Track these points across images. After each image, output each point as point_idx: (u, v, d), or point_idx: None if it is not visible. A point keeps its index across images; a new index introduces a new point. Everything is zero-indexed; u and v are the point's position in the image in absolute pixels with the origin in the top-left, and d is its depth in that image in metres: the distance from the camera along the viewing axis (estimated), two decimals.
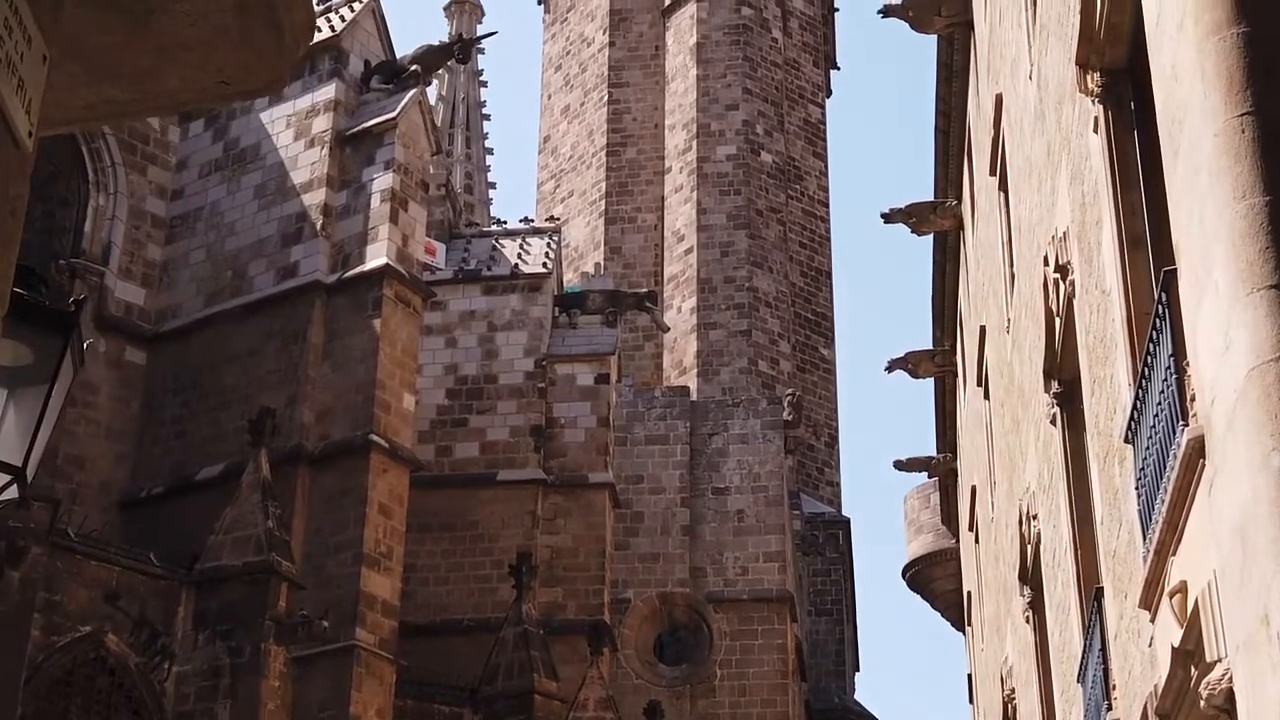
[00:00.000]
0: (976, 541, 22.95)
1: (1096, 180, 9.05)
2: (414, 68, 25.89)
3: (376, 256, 24.38)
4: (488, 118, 61.11)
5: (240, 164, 26.39)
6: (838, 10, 52.50)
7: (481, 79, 62.38)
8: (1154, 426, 7.27)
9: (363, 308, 24.23)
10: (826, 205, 47.97)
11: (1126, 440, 8.05)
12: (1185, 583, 6.69)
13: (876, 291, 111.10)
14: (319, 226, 24.96)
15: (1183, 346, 6.66)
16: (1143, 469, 7.60)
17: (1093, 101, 9.03)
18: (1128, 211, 8.60)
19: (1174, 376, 6.76)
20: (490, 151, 60.36)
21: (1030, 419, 13.49)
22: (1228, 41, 6.04)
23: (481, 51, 62.84)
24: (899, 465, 27.53)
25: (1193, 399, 6.51)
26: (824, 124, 49.01)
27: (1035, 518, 13.33)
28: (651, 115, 47.20)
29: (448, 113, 58.95)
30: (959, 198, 21.04)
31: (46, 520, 19.09)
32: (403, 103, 25.33)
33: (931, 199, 21.92)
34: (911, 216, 21.77)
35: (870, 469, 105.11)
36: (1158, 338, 7.07)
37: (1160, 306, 6.97)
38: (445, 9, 59.03)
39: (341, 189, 25.31)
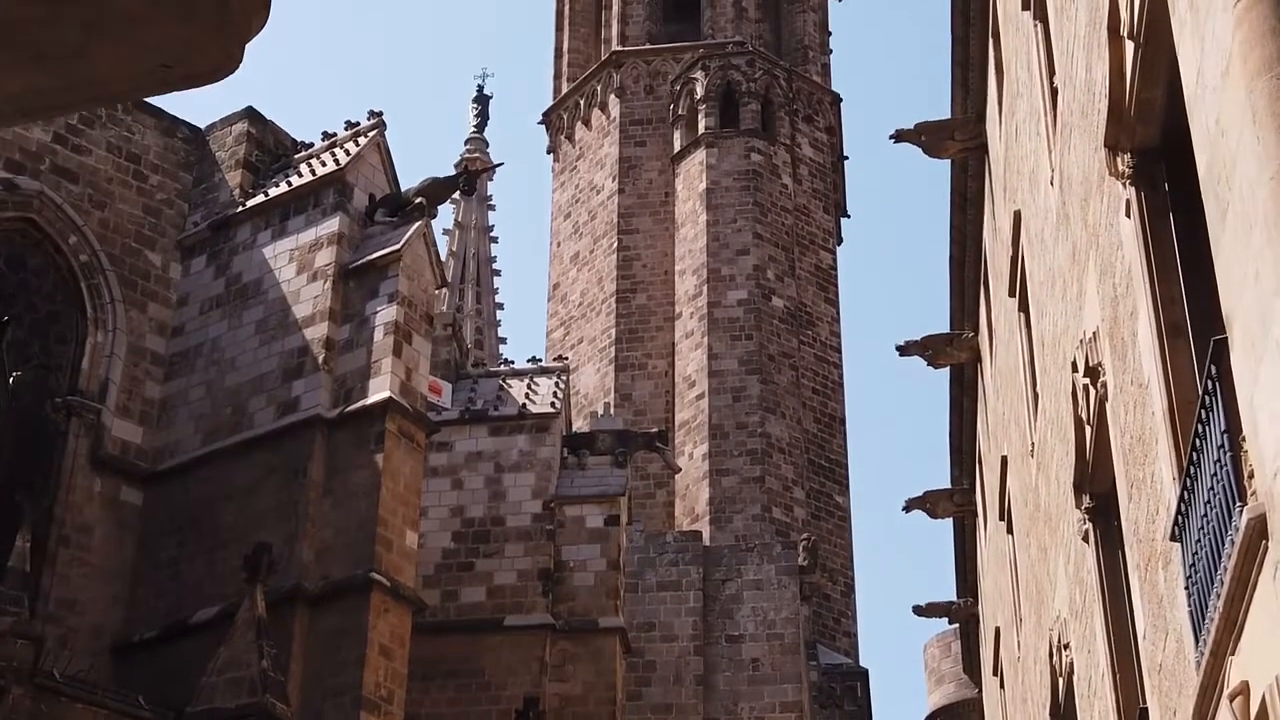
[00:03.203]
0: (1001, 687, 22.27)
1: (1130, 268, 8.62)
2: (419, 200, 25.56)
3: (379, 390, 23.86)
4: (498, 273, 61.35)
5: (241, 299, 26.01)
6: (847, 158, 52.72)
7: (492, 235, 62.71)
8: (1205, 516, 6.78)
9: (365, 443, 23.67)
10: (839, 351, 47.60)
11: (1173, 538, 7.52)
12: (1247, 683, 6.22)
13: (891, 433, 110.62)
14: (321, 360, 24.49)
15: (1237, 420, 6.22)
16: (1193, 565, 7.11)
17: (1124, 185, 8.66)
18: (1165, 297, 8.15)
19: (1228, 455, 6.31)
20: (501, 306, 60.44)
21: (1059, 543, 13.01)
22: None
23: (493, 208, 63.34)
24: (918, 611, 26.85)
25: (1250, 475, 6.02)
26: (835, 269, 48.85)
27: (1067, 647, 12.79)
28: (661, 261, 47.01)
29: (458, 268, 59.10)
30: (975, 329, 20.70)
31: (30, 659, 18.38)
32: (407, 235, 24.98)
33: (947, 331, 21.56)
34: (928, 349, 21.46)
35: (888, 613, 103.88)
36: (1207, 416, 6.61)
37: (1210, 381, 6.51)
38: (456, 166, 59.47)
39: (344, 322, 24.89)
